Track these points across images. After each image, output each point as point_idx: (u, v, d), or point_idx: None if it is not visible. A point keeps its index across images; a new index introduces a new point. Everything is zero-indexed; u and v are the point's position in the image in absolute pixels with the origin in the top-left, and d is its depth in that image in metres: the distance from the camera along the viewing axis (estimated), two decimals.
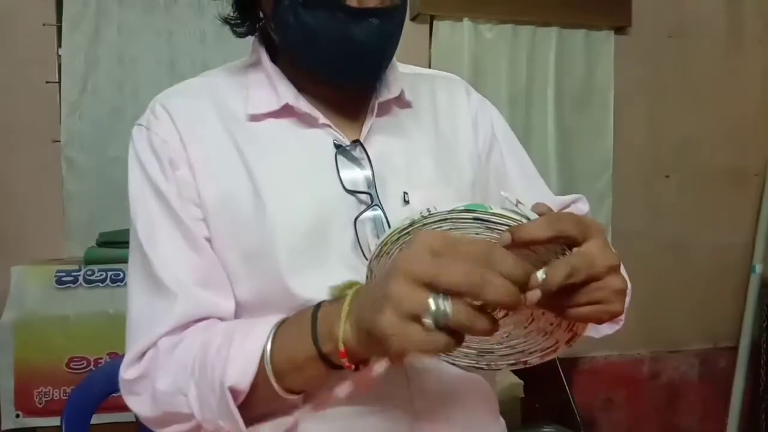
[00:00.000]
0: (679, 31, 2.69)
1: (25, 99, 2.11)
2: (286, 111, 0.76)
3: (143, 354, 0.70)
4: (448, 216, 0.56)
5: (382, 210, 0.73)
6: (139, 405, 0.69)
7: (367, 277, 0.66)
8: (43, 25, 2.12)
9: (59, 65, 2.14)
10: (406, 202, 0.75)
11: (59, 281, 1.79)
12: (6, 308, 1.76)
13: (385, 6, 0.71)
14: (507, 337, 0.67)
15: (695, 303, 2.75)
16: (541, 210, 0.56)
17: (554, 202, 0.89)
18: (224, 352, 0.63)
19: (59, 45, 2.13)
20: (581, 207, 0.91)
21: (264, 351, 0.62)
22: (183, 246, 0.72)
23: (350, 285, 0.61)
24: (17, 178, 2.12)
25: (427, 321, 0.48)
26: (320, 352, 0.59)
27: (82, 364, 1.76)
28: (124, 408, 1.15)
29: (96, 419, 1.17)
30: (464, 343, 0.69)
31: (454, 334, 0.49)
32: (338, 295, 0.61)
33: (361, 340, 0.55)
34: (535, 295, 0.50)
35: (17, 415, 1.75)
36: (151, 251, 0.72)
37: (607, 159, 2.60)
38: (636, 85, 2.65)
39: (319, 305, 0.61)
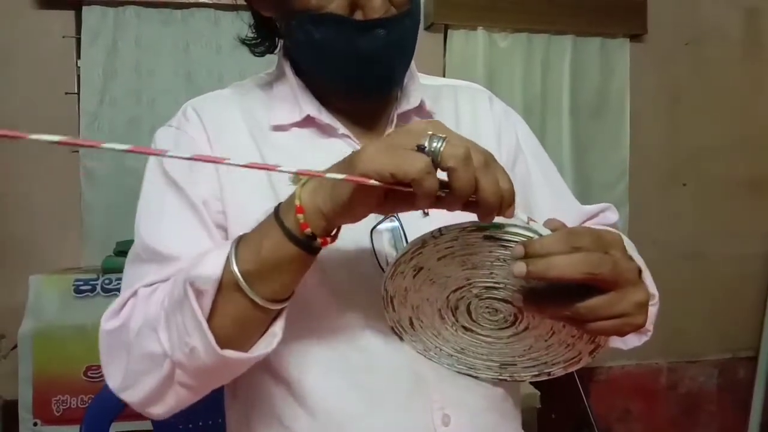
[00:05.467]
0: (696, 39, 2.67)
1: (45, 110, 2.14)
2: (307, 121, 0.78)
3: (125, 304, 0.68)
4: (459, 235, 0.56)
5: (399, 221, 0.73)
6: (116, 364, 0.66)
7: (383, 297, 0.66)
8: (63, 37, 2.15)
9: (78, 77, 2.17)
10: (426, 213, 0.74)
11: (77, 290, 1.81)
12: (25, 317, 1.78)
13: (390, 15, 0.71)
14: (529, 349, 0.67)
15: (714, 312, 2.72)
16: (554, 225, 0.55)
17: (581, 212, 0.88)
18: (191, 266, 0.61)
19: (78, 57, 2.16)
20: (609, 216, 0.89)
21: (230, 253, 0.59)
22: (194, 225, 0.72)
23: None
24: (36, 188, 2.14)
25: (422, 143, 0.49)
26: (282, 226, 0.57)
27: (100, 372, 1.76)
28: (143, 416, 1.16)
29: (114, 428, 1.17)
30: (486, 356, 0.70)
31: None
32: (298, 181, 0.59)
33: (326, 198, 0.55)
34: (510, 211, 0.52)
35: (35, 424, 1.77)
36: (158, 232, 0.72)
37: (624, 167, 2.58)
38: (652, 93, 2.63)
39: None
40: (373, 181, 0.50)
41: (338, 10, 0.69)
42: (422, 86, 0.84)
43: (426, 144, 0.49)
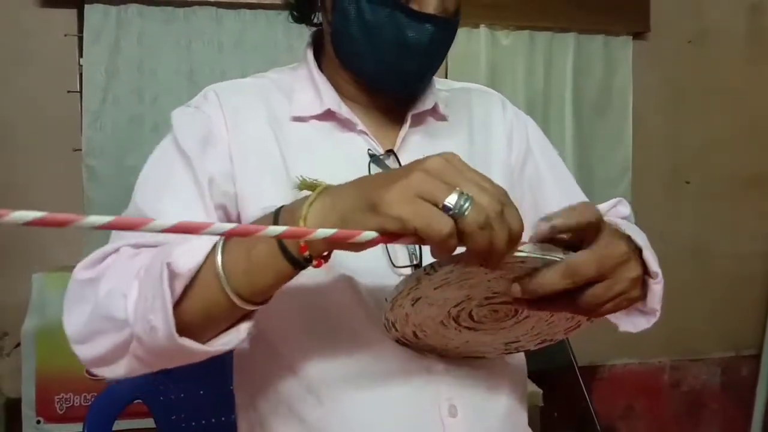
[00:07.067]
0: (699, 37, 2.66)
1: (47, 108, 2.14)
2: (327, 115, 0.79)
3: (104, 259, 0.67)
4: (455, 268, 0.55)
5: None
6: (77, 315, 0.65)
7: (384, 325, 0.67)
8: (65, 35, 2.15)
9: (80, 75, 2.17)
10: None
11: None
12: (27, 315, 1.78)
13: (442, 15, 0.74)
14: (532, 329, 0.70)
15: (717, 310, 2.71)
16: (542, 233, 0.55)
17: None
18: (174, 244, 0.59)
19: (80, 55, 2.16)
20: (621, 210, 0.91)
21: (218, 243, 0.58)
22: (193, 201, 0.72)
23: (318, 184, 0.57)
24: (38, 186, 2.14)
25: (448, 204, 0.48)
26: (279, 241, 0.55)
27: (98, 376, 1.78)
28: (146, 414, 1.16)
29: (117, 425, 1.18)
30: (491, 342, 0.72)
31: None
32: (305, 188, 0.58)
33: (331, 220, 0.52)
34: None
35: (38, 421, 1.77)
36: (154, 200, 0.72)
37: (626, 165, 2.58)
38: (655, 90, 2.63)
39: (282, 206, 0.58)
40: (368, 236, 0.50)
41: None
42: (437, 90, 0.86)
43: (453, 204, 0.48)
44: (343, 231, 0.49)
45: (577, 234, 0.57)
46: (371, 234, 0.49)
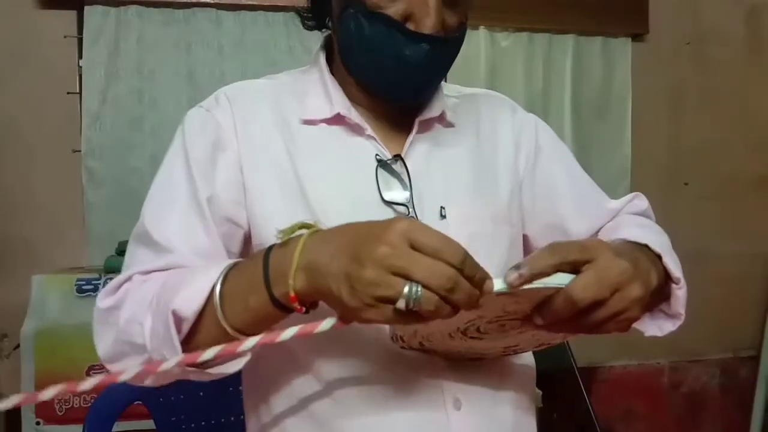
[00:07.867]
0: (697, 38, 2.67)
1: (47, 110, 2.15)
2: (336, 119, 0.81)
3: (120, 287, 0.72)
4: None
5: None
6: (105, 339, 0.71)
7: (391, 338, 0.68)
8: (65, 37, 2.15)
9: (80, 77, 2.17)
10: (443, 216, 0.78)
11: (80, 290, 1.81)
12: (27, 317, 1.79)
13: (439, 35, 0.74)
14: (533, 336, 0.70)
15: (716, 312, 2.71)
16: (511, 282, 0.56)
17: (608, 210, 0.92)
18: (179, 283, 0.65)
19: (80, 57, 2.17)
20: (638, 204, 0.94)
21: (214, 285, 0.63)
22: (195, 221, 0.75)
23: (301, 226, 0.62)
24: (38, 188, 2.15)
25: (400, 304, 0.52)
26: (271, 295, 0.60)
27: (103, 372, 1.78)
28: (145, 416, 1.16)
29: (116, 427, 1.18)
30: (492, 347, 0.73)
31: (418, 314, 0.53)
32: (288, 236, 0.62)
33: (314, 293, 0.58)
34: (489, 287, 0.55)
35: (37, 423, 1.77)
36: (159, 220, 0.75)
37: (625, 167, 2.58)
38: (654, 92, 2.63)
39: (271, 248, 0.62)
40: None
41: (395, 16, 0.73)
42: (445, 96, 0.87)
43: (405, 301, 0.52)
44: (305, 327, 0.57)
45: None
46: (332, 321, 0.57)
